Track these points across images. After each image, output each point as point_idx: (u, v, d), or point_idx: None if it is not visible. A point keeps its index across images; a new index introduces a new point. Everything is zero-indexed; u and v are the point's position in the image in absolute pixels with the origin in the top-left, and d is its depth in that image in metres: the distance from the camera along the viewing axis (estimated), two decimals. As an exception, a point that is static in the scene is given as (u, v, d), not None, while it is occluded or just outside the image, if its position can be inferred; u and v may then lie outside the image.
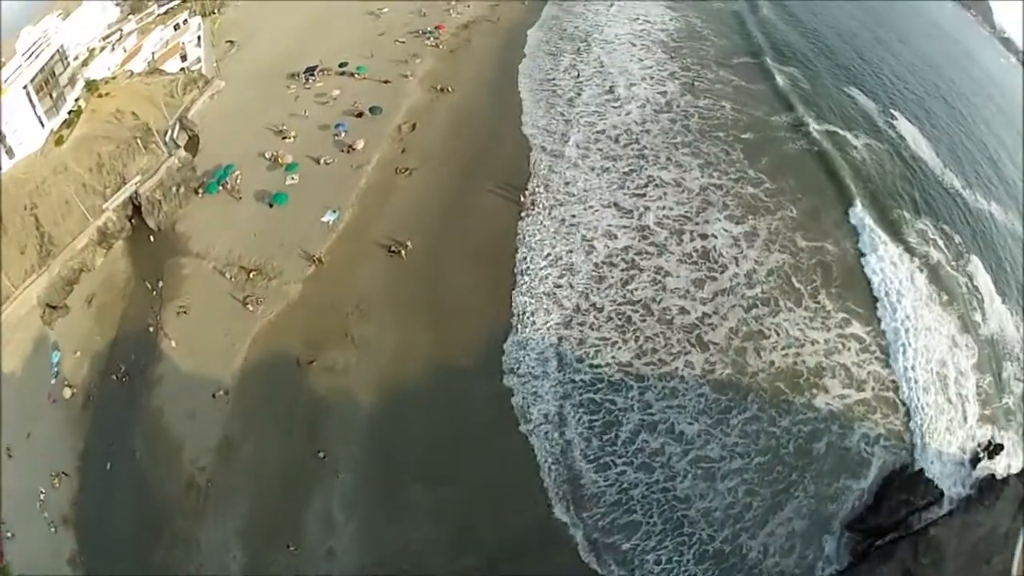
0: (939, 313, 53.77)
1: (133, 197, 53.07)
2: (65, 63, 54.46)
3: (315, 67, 69.27)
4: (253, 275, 48.74)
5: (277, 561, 36.81)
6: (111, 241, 52.20)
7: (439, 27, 79.14)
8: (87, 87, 56.90)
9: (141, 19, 69.56)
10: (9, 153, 48.73)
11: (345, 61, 70.74)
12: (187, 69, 67.78)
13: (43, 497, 39.31)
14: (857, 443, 44.18)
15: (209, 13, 77.59)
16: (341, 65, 70.34)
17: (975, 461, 46.50)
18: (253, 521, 38.13)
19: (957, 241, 61.82)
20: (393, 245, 51.41)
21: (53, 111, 52.13)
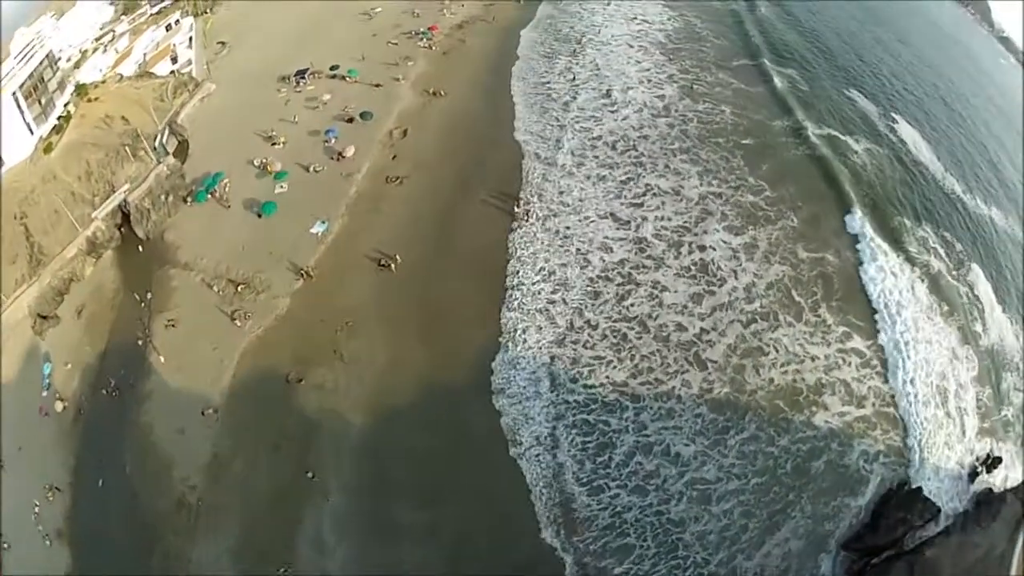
0: (940, 325, 52.91)
1: (122, 205, 52.27)
2: (54, 68, 53.47)
3: (306, 70, 68.12)
4: (241, 288, 47.90)
5: (271, 582, 36.28)
6: (100, 251, 51.43)
7: (432, 28, 77.80)
8: (77, 91, 55.79)
9: (133, 20, 68.46)
10: (-1, 162, 47.90)
11: (336, 64, 69.54)
12: (178, 72, 66.57)
13: (38, 510, 38.98)
14: (856, 460, 43.42)
15: (201, 13, 76.39)
16: (332, 68, 69.19)
17: (973, 475, 45.94)
18: (245, 541, 37.49)
19: (958, 249, 60.89)
20: (383, 258, 50.29)
21: (42, 117, 51.16)
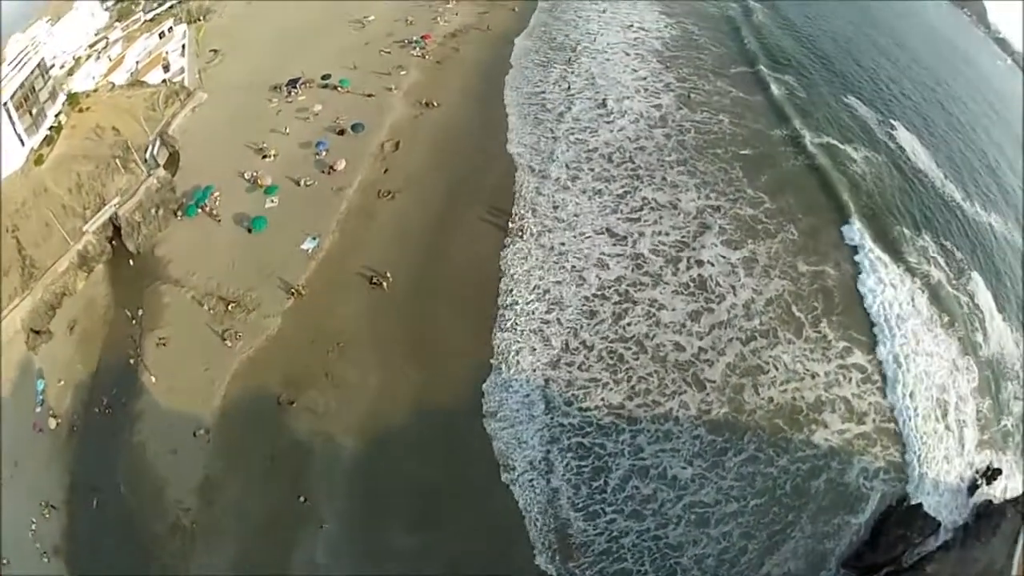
0: (940, 336, 52.44)
1: (113, 218, 51.50)
2: (46, 77, 52.62)
3: (298, 79, 67.25)
4: (232, 307, 47.15)
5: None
6: (92, 264, 50.73)
7: (425, 37, 76.78)
8: (68, 101, 54.98)
9: (127, 26, 67.78)
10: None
11: (328, 73, 68.60)
12: (169, 80, 65.74)
13: (35, 527, 38.75)
14: (856, 478, 42.93)
15: (195, 20, 75.55)
16: (324, 77, 68.27)
17: (973, 488, 45.58)
18: (239, 565, 37.00)
19: (958, 257, 60.37)
20: (374, 276, 49.34)
21: (33, 128, 50.31)
